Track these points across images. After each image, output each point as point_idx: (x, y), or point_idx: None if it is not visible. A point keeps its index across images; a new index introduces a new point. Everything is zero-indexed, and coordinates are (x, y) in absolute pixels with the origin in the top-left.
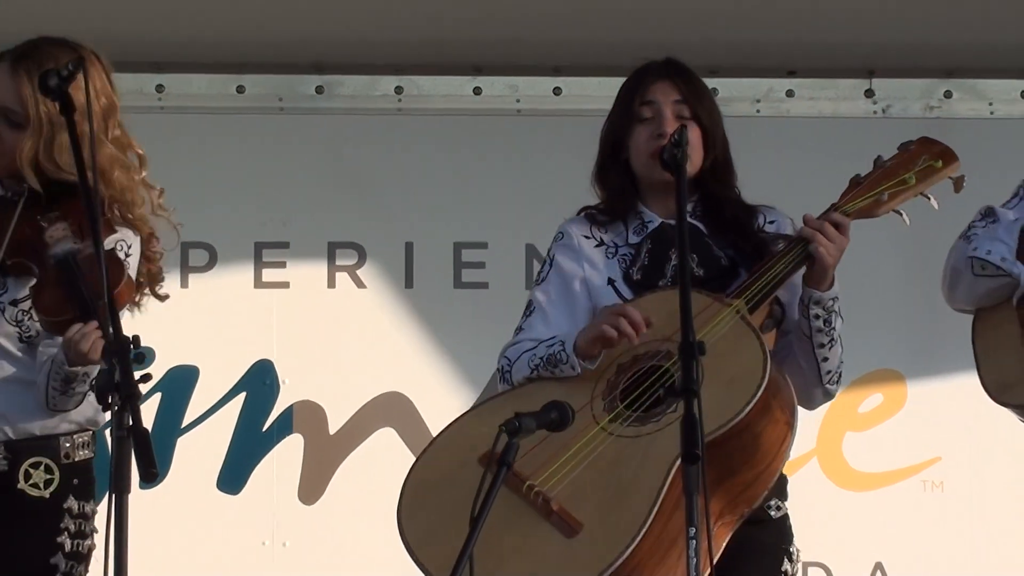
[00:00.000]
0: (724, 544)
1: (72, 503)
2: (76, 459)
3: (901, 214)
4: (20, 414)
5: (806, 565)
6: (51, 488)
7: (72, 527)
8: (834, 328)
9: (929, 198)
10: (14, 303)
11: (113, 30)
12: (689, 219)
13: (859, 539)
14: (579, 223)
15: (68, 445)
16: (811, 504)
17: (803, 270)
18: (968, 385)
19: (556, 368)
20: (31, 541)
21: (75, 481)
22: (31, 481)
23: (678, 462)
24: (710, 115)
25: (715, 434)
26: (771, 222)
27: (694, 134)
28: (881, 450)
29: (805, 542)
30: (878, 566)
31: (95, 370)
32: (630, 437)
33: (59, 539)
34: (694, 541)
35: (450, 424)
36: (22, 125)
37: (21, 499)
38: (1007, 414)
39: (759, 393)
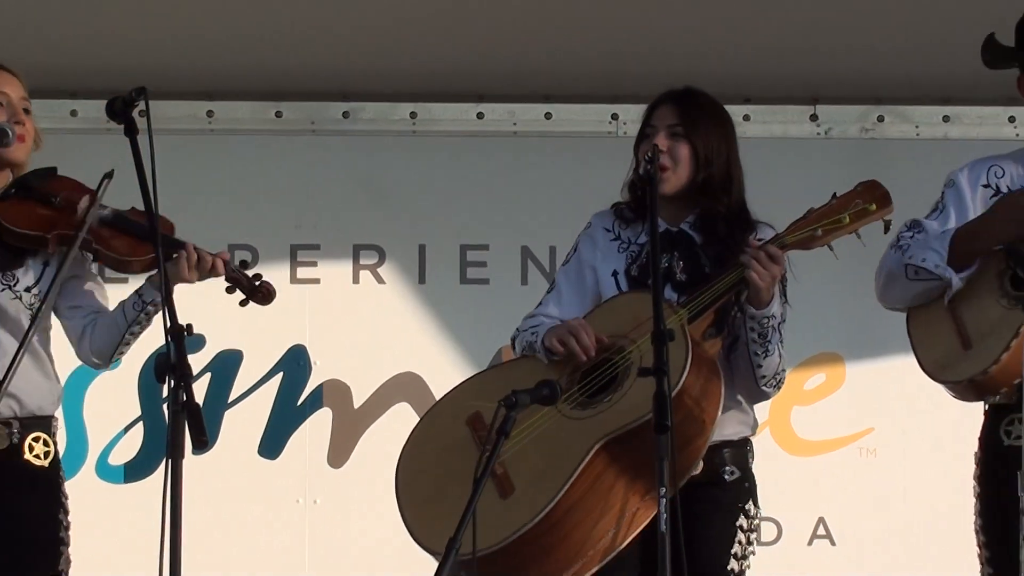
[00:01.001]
0: (648, 520)
1: (63, 474)
2: (58, 439)
3: (831, 249)
4: (31, 393)
5: (761, 519)
6: (49, 459)
7: (65, 492)
8: (769, 342)
9: (859, 236)
10: (28, 289)
11: (171, 65)
12: (687, 229)
13: (805, 498)
14: (606, 216)
15: (55, 425)
16: (763, 468)
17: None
18: (898, 366)
19: (535, 353)
20: (38, 505)
21: (60, 456)
22: (34, 452)
23: (597, 445)
24: (704, 138)
25: (631, 425)
26: (759, 239)
27: (682, 152)
28: (823, 422)
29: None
30: (820, 520)
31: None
32: (572, 418)
33: (62, 502)
34: (664, 500)
35: (458, 386)
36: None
37: (26, 469)
38: (932, 391)
39: (679, 384)
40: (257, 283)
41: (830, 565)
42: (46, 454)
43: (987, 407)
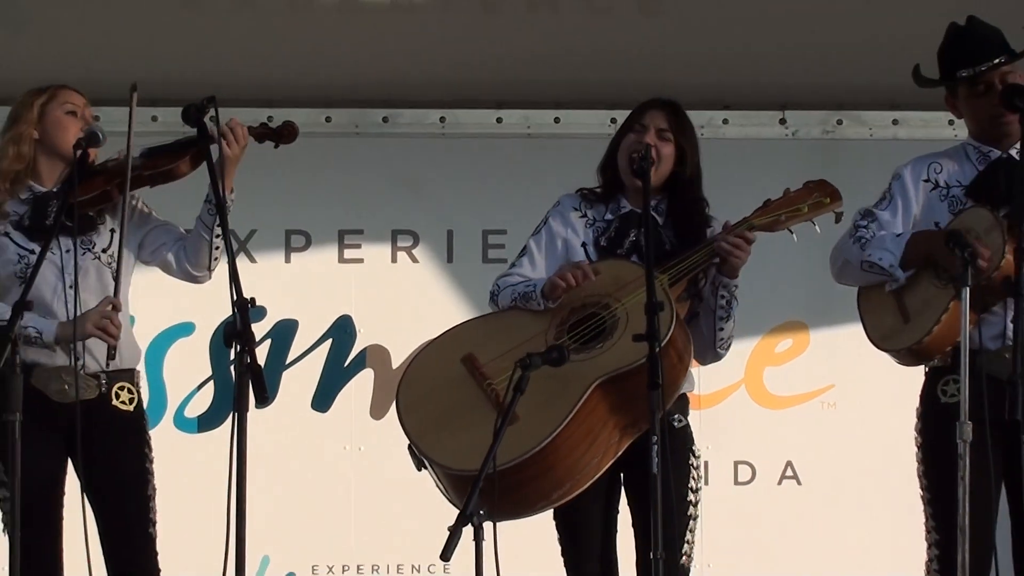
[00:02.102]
0: (628, 444)
1: (146, 418)
2: (141, 388)
3: (791, 232)
4: (119, 347)
5: (736, 463)
6: (133, 405)
7: (149, 436)
8: (731, 308)
9: (815, 224)
10: (104, 250)
11: (238, 76)
12: (652, 212)
13: (775, 444)
14: (573, 198)
15: (137, 376)
16: (741, 419)
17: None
18: (854, 332)
19: (528, 302)
20: (126, 443)
21: (144, 403)
22: (120, 399)
23: (595, 384)
24: (689, 142)
25: (624, 369)
26: (711, 227)
27: (667, 150)
28: (791, 380)
29: (735, 447)
30: (788, 463)
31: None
32: (566, 360)
33: (146, 440)
34: (656, 446)
35: (448, 330)
36: None
37: (114, 414)
38: (882, 354)
39: (664, 341)
40: (277, 127)
41: (796, 501)
42: (131, 400)
43: (927, 369)
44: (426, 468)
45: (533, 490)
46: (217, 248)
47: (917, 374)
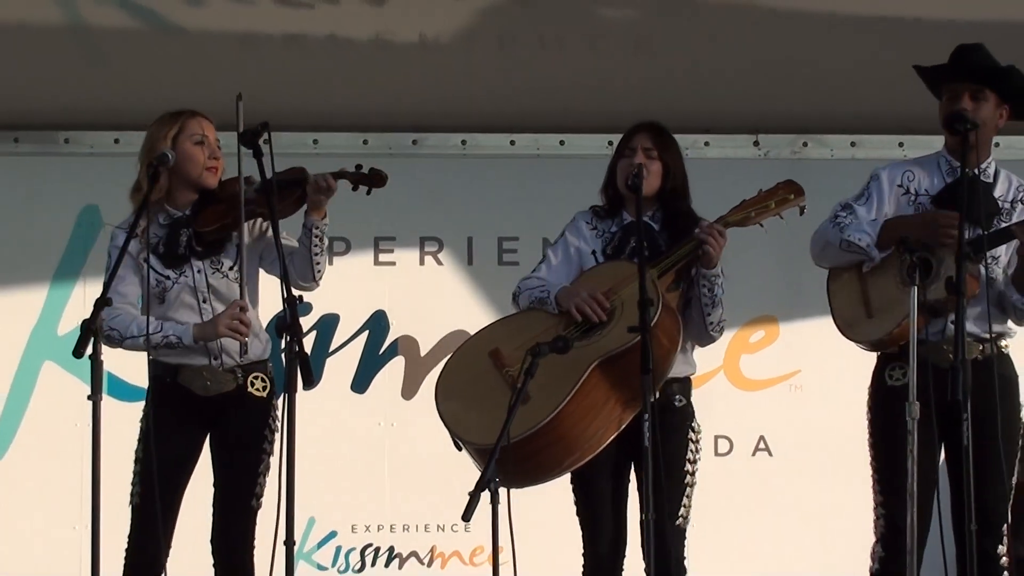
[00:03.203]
0: (631, 417)
1: (276, 400)
2: (271, 376)
3: (762, 226)
4: (249, 345)
5: (716, 437)
6: (266, 391)
7: (275, 414)
8: (716, 296)
9: (782, 217)
10: (231, 268)
11: (285, 103)
12: (648, 220)
13: (750, 421)
14: (586, 214)
15: (269, 367)
16: (720, 400)
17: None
18: (818, 324)
19: (544, 305)
20: (254, 424)
21: (276, 390)
22: (255, 387)
23: (594, 364)
24: (672, 158)
25: (618, 350)
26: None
27: (654, 167)
28: (763, 366)
29: (715, 424)
30: (761, 437)
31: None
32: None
33: (270, 423)
34: (647, 421)
35: (479, 331)
36: None
37: (250, 399)
38: (842, 344)
39: (652, 321)
40: (368, 172)
41: (767, 470)
42: (264, 388)
43: (878, 356)
44: (463, 447)
45: (546, 458)
46: (318, 264)
47: (871, 361)
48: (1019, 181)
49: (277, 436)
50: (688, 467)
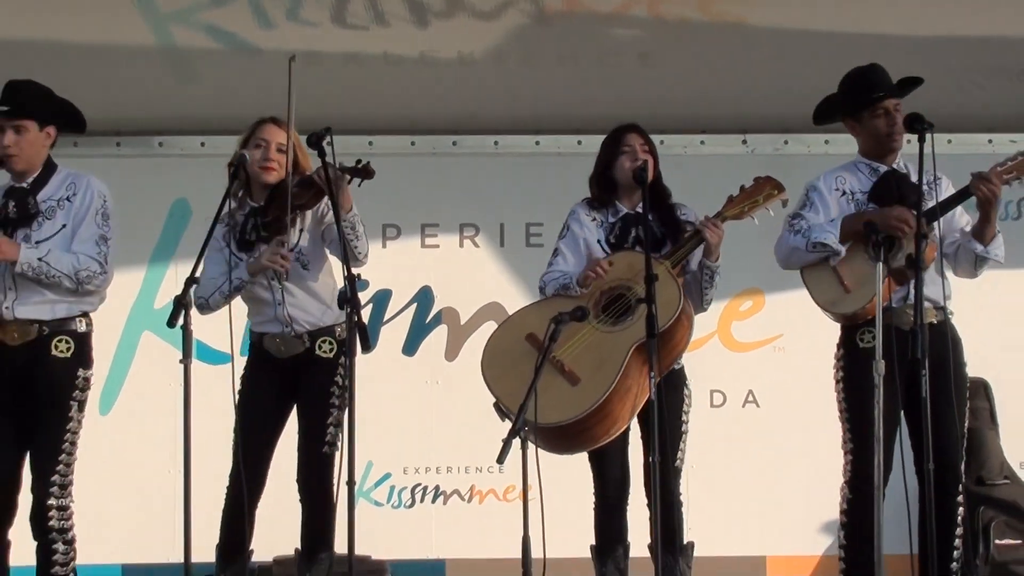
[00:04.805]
0: (658, 382)
1: (343, 360)
2: (341, 337)
3: (753, 219)
4: (311, 312)
5: (712, 391)
6: (333, 352)
7: (342, 372)
8: (714, 280)
9: (769, 210)
10: (291, 249)
11: (344, 111)
12: (641, 210)
13: (739, 378)
14: (584, 205)
15: (339, 329)
16: (714, 359)
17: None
18: (797, 297)
19: (567, 290)
20: (318, 384)
21: (343, 348)
22: (322, 350)
23: (632, 349)
24: (655, 154)
25: (661, 328)
26: (683, 213)
27: (650, 164)
28: (751, 331)
29: (711, 380)
30: (750, 391)
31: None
32: (608, 332)
33: (336, 380)
34: (654, 379)
35: (510, 316)
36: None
37: (318, 360)
38: (818, 312)
39: (678, 310)
40: (361, 166)
41: (755, 419)
42: (331, 350)
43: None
44: (509, 419)
45: (598, 432)
46: (356, 247)
47: (837, 326)
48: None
49: (344, 392)
50: (684, 418)
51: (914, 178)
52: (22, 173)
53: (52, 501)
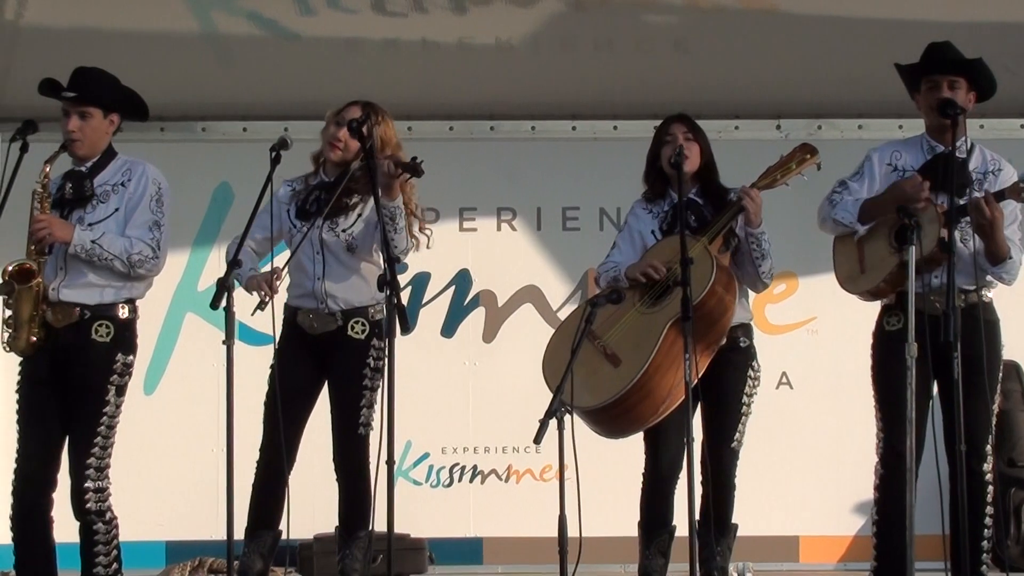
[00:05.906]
0: (708, 363)
1: (375, 342)
2: (375, 318)
3: (788, 184)
4: (346, 291)
5: None
6: (365, 334)
7: (375, 354)
8: (763, 248)
9: (804, 175)
10: (344, 231)
11: (385, 97)
12: (693, 196)
13: (774, 361)
14: (640, 201)
15: (372, 311)
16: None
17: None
18: (830, 280)
19: (617, 282)
20: (350, 366)
21: (376, 330)
22: (354, 331)
23: (667, 326)
24: (703, 141)
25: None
26: (734, 195)
27: (694, 150)
28: (785, 314)
29: None
30: (784, 373)
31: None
32: (647, 313)
33: (368, 362)
34: (688, 360)
35: (566, 318)
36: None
37: (348, 340)
38: (852, 297)
39: (709, 285)
40: (414, 165)
41: (788, 401)
42: (363, 331)
43: (881, 306)
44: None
45: (645, 411)
46: (394, 242)
47: (875, 309)
48: (992, 155)
49: (377, 374)
50: (745, 399)
51: (973, 165)
52: (83, 158)
53: (89, 484)
